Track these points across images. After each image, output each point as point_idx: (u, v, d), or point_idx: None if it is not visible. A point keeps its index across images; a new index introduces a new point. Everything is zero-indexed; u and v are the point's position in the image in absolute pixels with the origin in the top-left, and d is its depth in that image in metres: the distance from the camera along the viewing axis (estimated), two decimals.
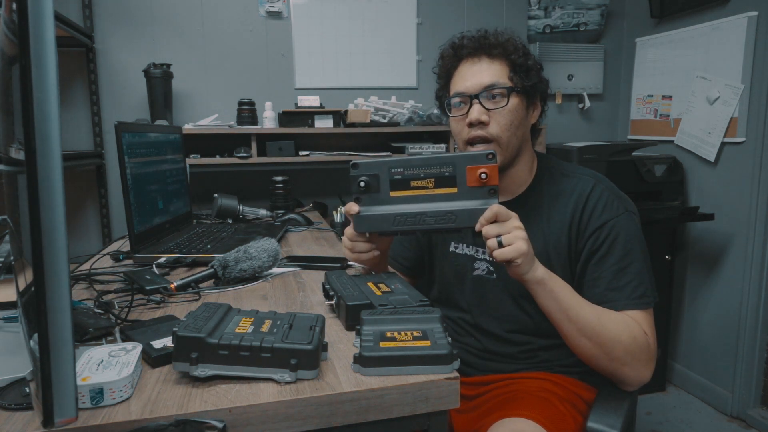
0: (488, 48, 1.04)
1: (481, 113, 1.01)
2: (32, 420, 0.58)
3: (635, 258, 0.98)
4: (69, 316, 0.47)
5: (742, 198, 2.13)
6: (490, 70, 1.03)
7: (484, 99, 1.02)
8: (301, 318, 0.74)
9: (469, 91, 1.03)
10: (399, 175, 0.94)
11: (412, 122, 2.28)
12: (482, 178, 0.89)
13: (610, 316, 0.94)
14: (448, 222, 0.91)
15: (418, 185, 0.93)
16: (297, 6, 2.33)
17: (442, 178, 0.92)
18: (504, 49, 1.04)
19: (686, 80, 2.34)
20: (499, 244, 0.87)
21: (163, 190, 1.50)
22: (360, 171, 0.95)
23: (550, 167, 1.11)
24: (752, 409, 2.15)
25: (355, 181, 0.94)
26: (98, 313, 0.87)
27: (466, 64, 1.06)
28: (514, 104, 1.02)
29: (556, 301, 0.92)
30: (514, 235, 0.87)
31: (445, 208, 0.91)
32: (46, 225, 0.45)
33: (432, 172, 0.92)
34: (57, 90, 0.45)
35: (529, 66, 1.05)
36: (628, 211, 1.02)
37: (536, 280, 0.91)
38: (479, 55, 1.05)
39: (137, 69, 2.13)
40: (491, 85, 1.02)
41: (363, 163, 0.95)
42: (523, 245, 0.86)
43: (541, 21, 2.61)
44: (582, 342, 0.93)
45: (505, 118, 1.02)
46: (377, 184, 0.94)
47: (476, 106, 1.02)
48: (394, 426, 0.67)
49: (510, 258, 0.86)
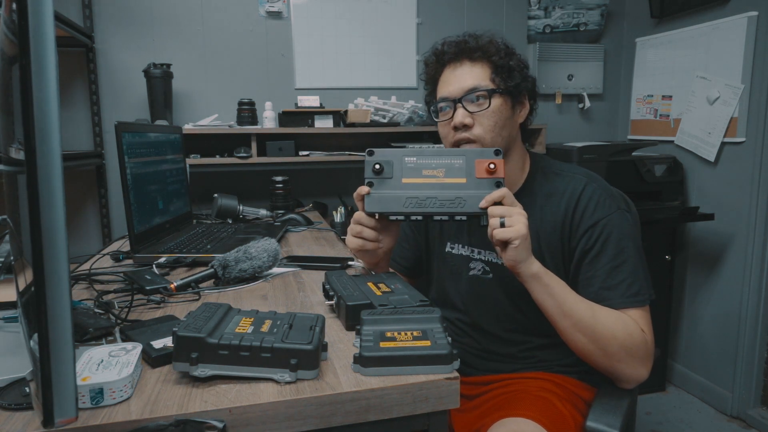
0: (469, 52, 1.06)
1: (464, 116, 1.03)
2: (32, 420, 0.58)
3: (629, 256, 0.98)
4: (69, 316, 0.47)
5: (742, 198, 2.13)
6: (471, 74, 1.04)
7: (466, 102, 1.03)
8: (301, 318, 0.74)
9: (452, 95, 1.05)
10: (412, 163, 0.98)
11: (412, 122, 2.28)
12: (490, 168, 0.95)
13: (605, 312, 0.94)
14: (457, 206, 0.94)
15: (429, 174, 0.97)
16: (297, 6, 2.33)
17: (453, 168, 0.97)
18: (484, 52, 1.05)
19: (686, 80, 2.34)
20: (502, 225, 0.88)
21: (163, 190, 1.50)
22: (375, 157, 0.99)
23: (542, 166, 1.11)
24: (752, 409, 2.15)
25: (370, 165, 0.97)
26: (98, 313, 0.87)
27: (449, 70, 1.08)
28: (496, 105, 1.03)
29: (551, 296, 0.93)
30: (516, 218, 0.89)
31: (454, 194, 0.95)
32: (46, 225, 0.45)
33: (443, 163, 0.97)
34: (57, 90, 0.45)
35: (511, 66, 1.05)
36: (620, 209, 1.02)
37: (531, 273, 0.92)
38: (461, 60, 1.06)
39: (137, 69, 2.13)
40: (472, 88, 1.03)
41: (379, 150, 0.99)
42: (523, 228, 0.88)
43: (541, 21, 2.61)
44: (577, 337, 0.93)
45: (489, 119, 1.03)
46: (391, 169, 0.98)
47: (460, 110, 1.04)
48: (394, 426, 0.67)
49: (509, 237, 0.87)
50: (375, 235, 1.01)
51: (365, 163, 0.98)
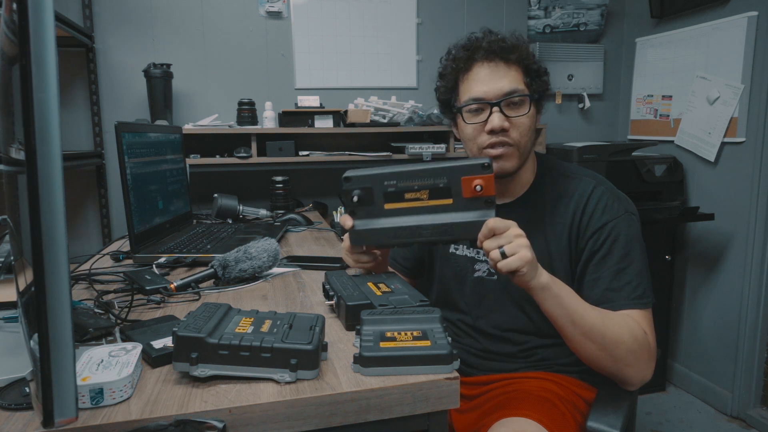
0: (504, 52, 1.01)
1: (502, 121, 1.00)
2: (32, 420, 0.58)
3: (635, 259, 0.98)
4: (69, 316, 0.47)
5: (742, 198, 2.13)
6: (508, 76, 1.01)
7: (504, 106, 1.01)
8: (301, 318, 0.74)
9: (488, 97, 1.01)
10: (392, 187, 0.91)
11: (412, 122, 2.27)
12: (477, 190, 0.87)
13: (612, 317, 0.94)
14: (446, 235, 0.90)
15: (412, 197, 0.91)
16: (297, 6, 2.33)
17: (437, 189, 0.90)
18: (519, 54, 1.02)
19: (686, 80, 2.34)
20: (502, 255, 0.85)
21: (163, 190, 1.50)
22: (352, 184, 0.92)
23: (550, 168, 1.11)
24: (752, 409, 2.15)
25: (348, 195, 0.92)
26: (98, 313, 0.87)
27: (482, 68, 1.02)
28: (532, 111, 1.03)
29: (561, 306, 0.92)
30: (516, 244, 0.85)
31: (441, 221, 0.90)
32: (46, 225, 0.45)
33: (426, 184, 0.90)
34: (57, 90, 0.45)
35: (540, 71, 1.05)
36: (628, 212, 1.02)
37: (541, 286, 0.90)
38: (495, 60, 1.02)
39: (137, 69, 2.13)
40: (512, 91, 1.00)
41: (355, 175, 0.93)
42: (527, 253, 0.85)
43: (541, 21, 2.61)
44: (587, 345, 0.93)
45: (524, 124, 1.02)
46: (371, 197, 0.92)
47: (497, 113, 1.00)
48: (394, 426, 0.67)
49: (515, 268, 0.85)
50: (370, 258, 1.00)
51: (343, 190, 0.93)
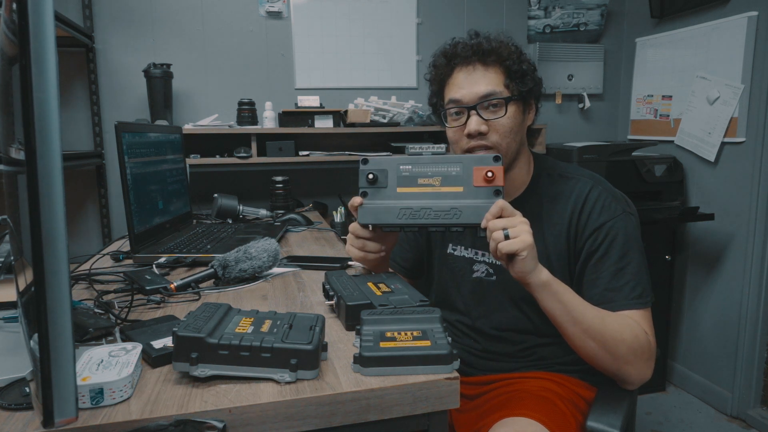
0: (482, 55, 1.02)
1: (479, 124, 1.00)
2: (32, 420, 0.58)
3: (633, 258, 0.98)
4: (69, 316, 0.47)
5: (742, 198, 2.13)
6: (485, 79, 1.01)
7: (481, 109, 1.01)
8: (301, 318, 0.74)
9: (465, 100, 1.01)
10: (407, 171, 0.95)
11: (412, 122, 2.28)
12: (488, 176, 0.91)
13: (612, 316, 0.94)
14: (453, 217, 0.92)
15: (425, 182, 0.94)
16: (297, 6, 2.33)
17: (449, 176, 0.93)
18: (498, 56, 1.02)
19: (686, 80, 2.34)
20: (506, 237, 0.86)
21: (163, 190, 1.50)
22: (370, 166, 0.96)
23: (547, 168, 1.10)
24: (752, 409, 2.15)
25: (364, 174, 0.95)
26: (98, 313, 0.87)
27: (460, 73, 1.03)
28: (511, 112, 1.01)
29: (561, 304, 0.92)
30: (520, 228, 0.86)
31: (450, 204, 0.92)
32: (46, 225, 0.45)
33: (439, 171, 0.94)
34: (57, 90, 0.45)
35: (524, 70, 1.03)
36: (625, 212, 1.02)
37: (541, 283, 0.90)
38: (473, 63, 1.02)
39: (137, 69, 2.13)
40: (488, 94, 1.00)
41: (373, 158, 0.97)
42: (528, 237, 0.86)
43: (541, 21, 2.61)
44: (587, 343, 0.93)
45: (504, 126, 1.01)
46: (385, 179, 0.96)
47: (474, 117, 1.01)
48: (394, 426, 0.67)
49: (516, 249, 0.85)
50: (378, 246, 1.00)
51: (359, 172, 0.96)
